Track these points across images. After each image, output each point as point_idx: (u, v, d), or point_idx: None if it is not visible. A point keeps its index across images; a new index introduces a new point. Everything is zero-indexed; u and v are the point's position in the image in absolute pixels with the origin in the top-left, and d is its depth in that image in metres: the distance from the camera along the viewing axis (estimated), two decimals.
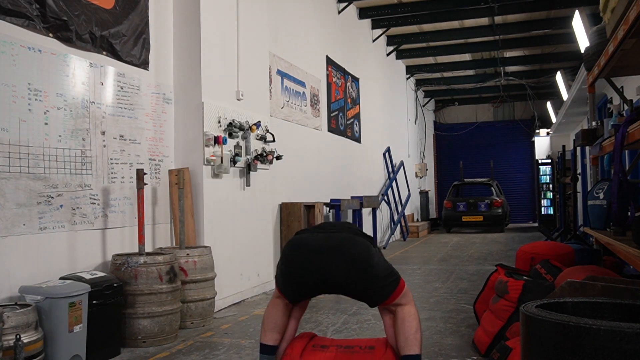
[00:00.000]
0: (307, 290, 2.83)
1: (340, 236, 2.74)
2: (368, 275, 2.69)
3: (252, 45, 6.40)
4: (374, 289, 2.73)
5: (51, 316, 3.52)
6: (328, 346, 2.90)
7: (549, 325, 1.72)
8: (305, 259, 2.72)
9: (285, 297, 2.87)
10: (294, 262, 2.77)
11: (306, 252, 2.73)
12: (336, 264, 2.67)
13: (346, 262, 2.67)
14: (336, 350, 2.87)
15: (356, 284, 2.71)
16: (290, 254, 2.80)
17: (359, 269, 2.68)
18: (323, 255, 2.68)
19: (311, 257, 2.71)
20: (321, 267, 2.68)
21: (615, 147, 3.57)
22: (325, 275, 2.69)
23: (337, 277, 2.69)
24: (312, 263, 2.70)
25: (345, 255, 2.67)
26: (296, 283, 2.79)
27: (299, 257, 2.75)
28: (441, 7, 11.15)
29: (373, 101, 12.63)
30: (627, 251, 3.13)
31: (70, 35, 4.29)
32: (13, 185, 3.78)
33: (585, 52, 4.78)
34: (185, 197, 5.18)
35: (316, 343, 2.93)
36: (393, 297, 2.77)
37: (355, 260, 2.68)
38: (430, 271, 8.08)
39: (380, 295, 2.76)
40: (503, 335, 3.64)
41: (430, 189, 19.18)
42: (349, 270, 2.67)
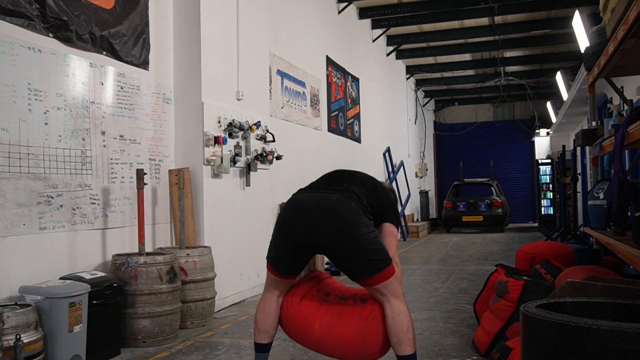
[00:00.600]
0: (297, 252, 2.83)
1: (335, 197, 2.75)
2: (352, 241, 2.68)
3: (252, 45, 6.40)
4: (357, 259, 2.71)
5: (51, 316, 3.52)
6: (329, 294, 2.93)
7: (549, 325, 1.72)
8: (297, 216, 2.77)
9: (274, 269, 2.88)
10: (287, 221, 2.82)
11: (298, 210, 2.78)
12: (326, 222, 2.69)
13: (333, 223, 2.69)
14: (333, 300, 2.89)
15: (340, 248, 2.72)
16: (284, 212, 2.86)
17: (345, 232, 2.68)
18: (314, 213, 2.72)
19: (302, 216, 2.75)
20: (311, 224, 2.72)
21: (615, 147, 3.57)
22: (313, 233, 2.72)
23: (324, 237, 2.71)
24: (302, 222, 2.74)
25: (333, 216, 2.69)
26: (287, 243, 2.81)
27: (291, 215, 2.80)
28: (441, 7, 11.14)
29: (373, 101, 12.63)
30: (627, 251, 3.13)
31: (70, 35, 4.29)
32: (13, 185, 3.78)
33: (585, 52, 4.78)
34: (185, 197, 5.18)
35: (322, 288, 2.96)
36: (377, 278, 2.72)
37: (342, 222, 2.69)
38: (430, 271, 8.08)
39: (365, 268, 2.72)
40: (503, 335, 3.64)
41: (430, 189, 19.18)
42: (334, 231, 2.69)
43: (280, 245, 2.86)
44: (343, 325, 2.79)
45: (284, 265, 2.88)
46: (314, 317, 2.85)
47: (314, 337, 2.85)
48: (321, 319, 2.83)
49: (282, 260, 2.87)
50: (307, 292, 2.94)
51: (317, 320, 2.84)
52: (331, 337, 2.81)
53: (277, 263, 2.88)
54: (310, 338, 2.87)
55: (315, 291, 2.95)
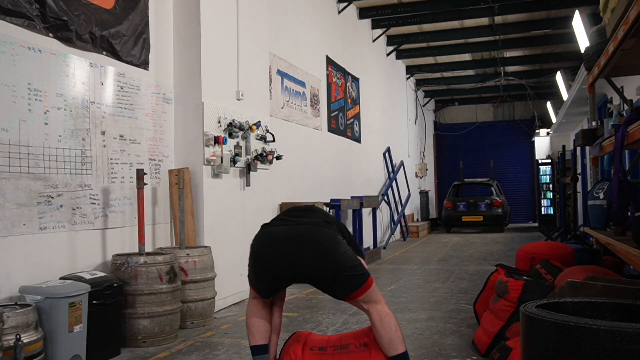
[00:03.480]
0: (277, 282, 2.86)
1: (305, 226, 2.77)
2: (333, 263, 2.71)
3: (252, 45, 6.40)
4: (340, 279, 2.74)
5: (51, 316, 3.52)
6: (325, 347, 2.91)
7: (549, 325, 1.72)
8: (272, 250, 2.76)
9: (257, 292, 2.90)
10: (262, 255, 2.81)
11: (272, 243, 2.77)
12: (302, 252, 2.71)
13: (311, 250, 2.71)
14: (334, 351, 2.88)
15: (322, 273, 2.74)
16: (258, 247, 2.84)
17: (324, 257, 2.71)
18: (289, 245, 2.72)
19: (277, 247, 2.75)
20: (287, 256, 2.72)
21: (615, 147, 3.57)
22: (292, 264, 2.73)
23: (303, 266, 2.73)
24: (279, 254, 2.74)
25: (310, 244, 2.71)
26: (266, 275, 2.82)
27: (265, 249, 2.79)
28: (441, 7, 11.14)
29: (373, 101, 12.63)
30: (627, 251, 3.13)
31: (70, 35, 4.29)
32: (13, 185, 3.78)
33: (585, 52, 4.78)
34: (185, 197, 5.18)
35: (314, 345, 2.94)
36: (360, 292, 2.77)
37: (320, 249, 2.71)
38: (430, 271, 8.08)
39: (347, 286, 2.76)
40: (503, 335, 3.64)
41: (430, 189, 19.18)
42: (314, 258, 2.71)
43: (258, 277, 2.86)
44: None
45: (266, 291, 2.90)
46: None
47: None
48: None
49: (262, 287, 2.89)
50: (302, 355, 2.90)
51: None
52: None
53: (259, 289, 2.90)
54: None
55: (309, 349, 2.92)
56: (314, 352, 2.90)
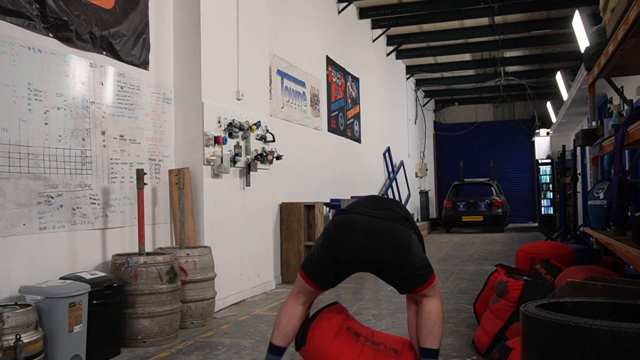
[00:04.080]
0: (345, 270, 2.91)
1: (386, 222, 2.84)
2: (406, 262, 2.82)
3: (252, 45, 6.40)
4: (409, 276, 2.85)
5: (51, 316, 3.52)
6: (359, 335, 2.96)
7: (549, 325, 1.72)
8: (354, 238, 2.81)
9: (314, 282, 2.90)
10: (342, 241, 2.84)
11: (355, 232, 2.82)
12: (380, 247, 2.79)
13: (390, 247, 2.80)
14: (364, 342, 2.93)
15: (394, 269, 2.84)
16: (339, 232, 2.87)
17: (399, 256, 2.81)
18: (370, 238, 2.79)
19: (359, 238, 2.81)
20: (367, 248, 2.79)
21: (615, 147, 3.57)
22: (368, 256, 2.81)
23: (379, 260, 2.82)
24: (360, 244, 2.80)
25: (389, 241, 2.80)
26: (339, 261, 2.85)
27: (347, 236, 2.83)
28: (441, 7, 11.14)
29: (373, 101, 12.63)
30: (627, 251, 3.13)
31: (70, 35, 4.29)
32: (13, 185, 3.78)
33: (585, 52, 4.78)
34: (185, 197, 5.18)
35: (351, 327, 2.99)
36: (423, 287, 2.89)
37: (397, 247, 2.80)
38: None
39: (413, 283, 2.88)
40: (503, 335, 3.64)
41: (430, 189, 19.17)
42: (391, 255, 2.80)
43: (326, 262, 2.88)
44: None
45: (325, 280, 2.93)
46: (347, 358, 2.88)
47: None
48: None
49: (325, 276, 2.92)
50: (338, 329, 2.94)
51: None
52: None
53: (319, 277, 2.91)
54: None
55: (346, 329, 2.96)
56: (350, 333, 2.96)
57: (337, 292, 6.44)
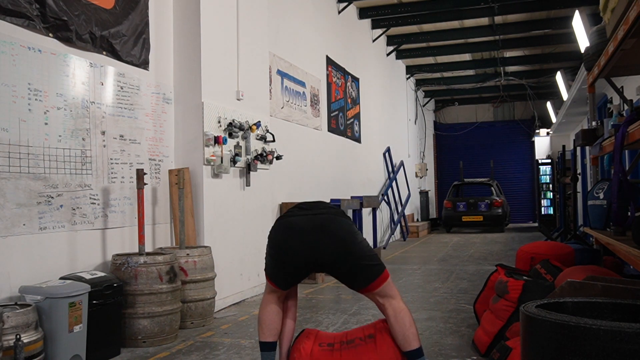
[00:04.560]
0: (297, 271, 2.90)
1: (323, 216, 2.84)
2: (352, 253, 2.80)
3: (252, 45, 6.40)
4: (358, 268, 2.82)
5: (51, 316, 3.52)
6: (333, 343, 2.95)
7: (549, 325, 1.72)
8: (293, 239, 2.81)
9: (275, 284, 2.93)
10: (283, 244, 2.84)
11: (293, 233, 2.82)
12: (323, 243, 2.78)
13: (332, 239, 2.78)
14: (340, 347, 2.93)
15: (339, 261, 2.82)
16: (278, 236, 2.88)
17: (342, 246, 2.79)
18: (310, 235, 2.78)
19: (299, 237, 2.80)
20: (309, 245, 2.78)
21: (615, 147, 3.57)
22: (312, 253, 2.79)
23: (324, 255, 2.80)
24: (300, 242, 2.79)
25: (330, 234, 2.79)
26: (286, 264, 2.86)
27: (286, 238, 2.83)
28: (441, 7, 11.15)
29: (373, 101, 12.63)
30: (627, 251, 3.13)
31: (70, 35, 4.29)
32: (13, 185, 3.78)
33: (585, 52, 4.78)
34: (185, 197, 5.18)
35: (322, 342, 2.99)
36: (377, 283, 2.85)
37: (340, 238, 2.79)
38: (430, 271, 8.08)
39: (364, 277, 2.84)
40: (503, 335, 3.64)
41: (430, 189, 19.18)
42: (334, 247, 2.78)
43: (278, 267, 2.90)
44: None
45: (285, 282, 2.94)
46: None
47: None
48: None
49: (282, 279, 2.93)
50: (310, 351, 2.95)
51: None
52: None
53: (277, 280, 2.94)
54: None
55: (318, 346, 2.97)
56: (323, 347, 2.95)
57: (337, 292, 6.45)
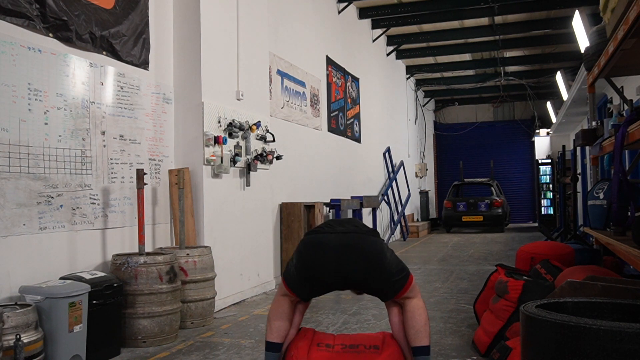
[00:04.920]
0: (323, 288, 2.93)
1: (353, 235, 2.85)
2: (382, 272, 2.82)
3: (252, 45, 6.40)
4: (387, 285, 2.85)
5: (51, 316, 3.52)
6: (332, 345, 2.94)
7: (549, 325, 1.72)
8: (324, 257, 2.81)
9: (296, 295, 2.93)
10: (313, 261, 2.84)
11: (324, 251, 2.82)
12: (353, 262, 2.79)
13: (362, 260, 2.79)
14: (341, 349, 2.91)
15: (371, 281, 2.84)
16: (308, 253, 2.88)
17: (374, 267, 2.81)
18: (341, 254, 2.79)
19: (330, 256, 2.80)
20: (339, 265, 2.79)
21: (615, 147, 3.57)
22: (343, 273, 2.81)
23: (354, 275, 2.82)
24: (331, 262, 2.80)
25: (361, 254, 2.80)
26: (314, 281, 2.87)
27: (317, 256, 2.83)
28: (441, 7, 11.14)
29: (373, 101, 12.63)
30: (627, 251, 3.13)
31: (70, 35, 4.29)
32: (13, 185, 3.78)
33: (585, 52, 4.78)
34: (185, 197, 5.17)
35: (320, 341, 2.97)
36: (403, 291, 2.89)
37: (370, 259, 2.80)
38: (430, 271, 8.08)
39: (393, 290, 2.87)
40: (503, 335, 3.64)
41: (430, 189, 19.17)
42: (364, 267, 2.80)
43: (303, 282, 2.90)
44: None
45: (306, 295, 2.96)
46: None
47: None
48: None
49: (305, 291, 2.94)
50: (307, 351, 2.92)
51: None
52: None
53: (299, 291, 2.94)
54: None
55: (316, 346, 2.94)
56: (321, 348, 2.93)
57: (337, 292, 6.44)
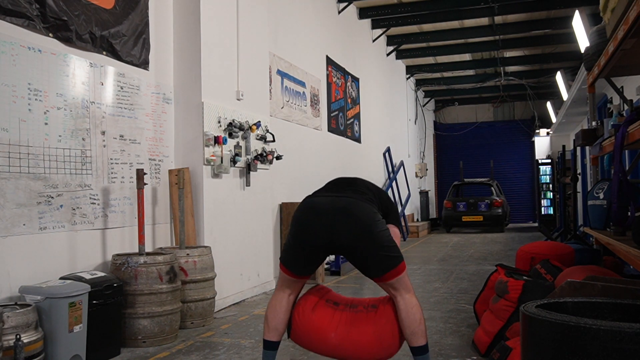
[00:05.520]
0: (314, 252, 2.92)
1: (346, 199, 2.87)
2: (371, 240, 2.82)
3: (252, 45, 6.40)
4: (374, 256, 2.84)
5: (51, 316, 3.52)
6: (338, 304, 3.01)
7: (549, 325, 1.72)
8: (313, 220, 2.85)
9: (290, 270, 2.95)
10: (303, 223, 2.88)
11: (314, 213, 2.85)
12: (343, 224, 2.80)
13: (351, 222, 2.81)
14: (343, 309, 2.98)
15: (357, 247, 2.84)
16: (300, 216, 2.91)
17: (362, 232, 2.81)
18: (330, 216, 2.81)
19: (319, 218, 2.83)
20: (328, 226, 2.81)
21: (615, 147, 3.57)
22: (332, 234, 2.82)
23: (341, 237, 2.82)
24: (320, 224, 2.83)
25: (350, 216, 2.81)
26: (304, 244, 2.89)
27: (307, 219, 2.87)
28: (441, 7, 11.15)
29: (373, 101, 12.63)
30: (627, 251, 3.13)
31: (70, 35, 4.29)
32: (13, 185, 3.78)
33: (585, 52, 4.78)
34: (185, 197, 5.18)
35: (330, 299, 3.04)
36: (393, 274, 2.86)
37: (359, 224, 2.81)
38: (430, 271, 8.08)
39: (380, 265, 2.86)
40: (503, 335, 3.64)
41: (430, 189, 19.17)
42: (354, 231, 2.81)
43: (296, 247, 2.92)
44: (360, 332, 2.89)
45: (300, 266, 2.96)
46: (328, 326, 2.92)
47: (331, 345, 2.92)
48: (336, 327, 2.92)
49: (298, 261, 2.95)
50: (316, 302, 3.02)
51: (331, 329, 2.91)
52: (349, 343, 2.90)
53: (293, 264, 2.96)
54: (326, 346, 2.95)
55: (325, 302, 3.02)
56: (329, 304, 3.00)
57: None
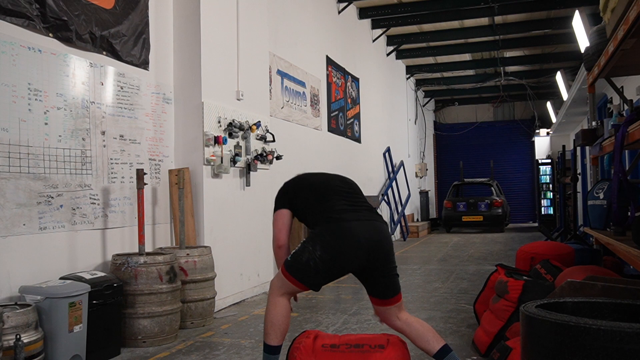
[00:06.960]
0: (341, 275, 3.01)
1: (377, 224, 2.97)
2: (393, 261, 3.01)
3: (252, 45, 6.40)
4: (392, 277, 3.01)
5: (51, 316, 3.52)
6: (338, 345, 2.93)
7: (549, 325, 1.72)
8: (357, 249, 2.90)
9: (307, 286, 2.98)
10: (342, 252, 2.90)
11: (356, 242, 2.89)
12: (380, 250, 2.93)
13: (385, 251, 2.96)
14: (346, 349, 2.90)
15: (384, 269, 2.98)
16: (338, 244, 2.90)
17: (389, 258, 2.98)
18: (371, 245, 2.90)
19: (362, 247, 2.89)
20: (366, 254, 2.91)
21: (615, 147, 3.57)
22: (367, 261, 2.92)
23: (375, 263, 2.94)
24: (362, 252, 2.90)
25: (384, 243, 2.96)
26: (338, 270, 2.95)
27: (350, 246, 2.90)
28: (441, 7, 11.15)
29: (373, 101, 12.63)
30: (627, 251, 3.13)
31: (70, 35, 4.29)
32: (13, 185, 3.78)
33: (585, 52, 4.78)
34: (185, 197, 5.18)
35: (325, 343, 2.95)
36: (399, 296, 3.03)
37: (390, 250, 3.00)
38: (430, 271, 8.08)
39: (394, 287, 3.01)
40: (503, 335, 3.64)
41: (430, 189, 19.17)
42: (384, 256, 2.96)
43: (327, 271, 2.93)
44: None
45: (321, 284, 3.00)
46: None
47: None
48: None
49: (321, 281, 2.98)
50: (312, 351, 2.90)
51: None
52: None
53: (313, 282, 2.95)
54: None
55: (320, 347, 2.92)
56: (326, 348, 2.91)
57: (337, 292, 6.45)
